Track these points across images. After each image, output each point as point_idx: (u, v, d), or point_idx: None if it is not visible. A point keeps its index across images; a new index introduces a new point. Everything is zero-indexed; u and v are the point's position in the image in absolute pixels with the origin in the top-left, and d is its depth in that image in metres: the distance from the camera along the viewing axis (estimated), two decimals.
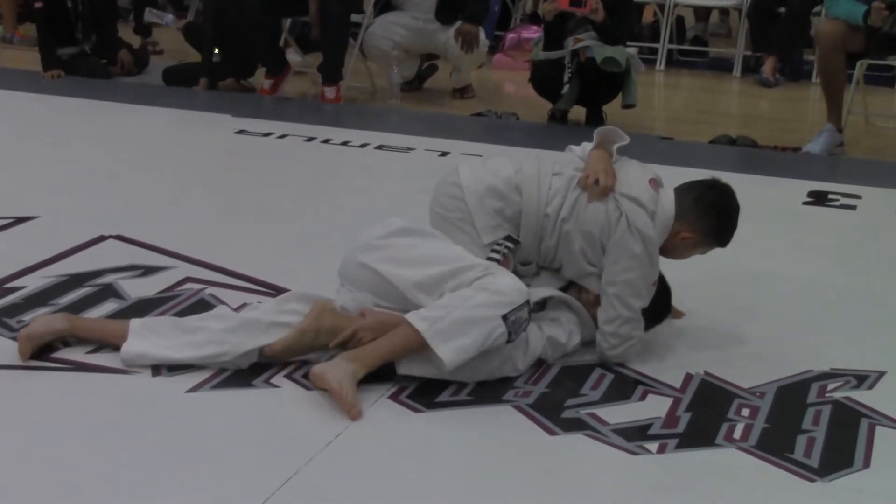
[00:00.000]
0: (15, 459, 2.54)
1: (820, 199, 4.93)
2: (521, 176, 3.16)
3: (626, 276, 3.06)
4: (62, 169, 5.03)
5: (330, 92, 6.79)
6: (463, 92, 7.22)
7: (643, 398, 2.96)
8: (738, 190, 3.23)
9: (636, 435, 2.75)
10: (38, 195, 4.52)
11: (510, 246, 3.12)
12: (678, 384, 3.03)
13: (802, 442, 2.74)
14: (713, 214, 3.15)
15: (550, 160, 3.26)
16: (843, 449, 2.71)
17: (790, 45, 8.05)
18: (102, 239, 4.01)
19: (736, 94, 8.13)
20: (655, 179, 3.17)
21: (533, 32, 7.95)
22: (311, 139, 5.78)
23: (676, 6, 8.51)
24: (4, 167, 5.06)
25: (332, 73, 6.82)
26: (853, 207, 4.83)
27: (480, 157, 4.06)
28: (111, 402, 2.83)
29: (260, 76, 7.04)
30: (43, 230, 4.11)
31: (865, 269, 4.09)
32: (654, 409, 2.89)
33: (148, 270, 3.71)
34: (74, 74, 7.14)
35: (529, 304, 2.91)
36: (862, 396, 2.99)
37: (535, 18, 8.56)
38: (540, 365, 3.08)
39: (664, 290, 3.24)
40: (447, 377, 2.90)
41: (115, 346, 3.02)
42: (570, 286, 3.22)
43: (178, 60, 7.64)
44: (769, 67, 7.93)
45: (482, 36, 7.00)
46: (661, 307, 3.24)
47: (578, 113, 6.34)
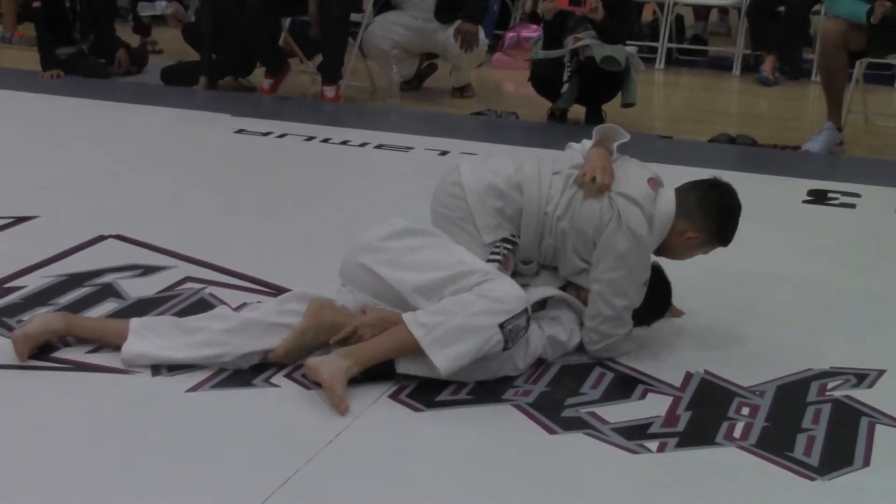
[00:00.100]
0: (15, 459, 2.53)
1: (820, 197, 4.93)
2: (521, 174, 3.15)
3: (609, 275, 3.05)
4: (62, 169, 5.03)
5: (329, 91, 6.79)
6: (462, 91, 7.22)
7: (643, 397, 2.95)
8: (737, 189, 3.22)
9: (636, 434, 2.75)
10: (37, 195, 4.52)
11: (510, 248, 3.12)
12: (678, 383, 3.03)
13: (802, 440, 2.74)
14: (716, 214, 3.14)
15: (551, 159, 3.25)
16: (842, 447, 2.71)
17: (790, 43, 8.05)
18: (102, 238, 4.01)
19: (735, 92, 8.13)
20: (655, 179, 3.15)
21: (532, 31, 7.94)
22: (310, 138, 5.78)
23: (676, 5, 8.50)
24: (4, 167, 5.06)
25: (331, 72, 6.82)
26: (853, 206, 4.83)
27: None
28: (111, 402, 2.82)
29: (259, 75, 7.04)
30: (43, 230, 4.11)
31: (865, 267, 4.08)
32: (654, 407, 2.89)
33: (148, 270, 3.71)
34: (72, 74, 7.15)
35: (528, 311, 2.91)
36: (862, 395, 2.99)
37: (534, 17, 8.54)
38: (540, 364, 3.08)
39: (664, 284, 3.23)
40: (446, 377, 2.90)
41: (115, 345, 3.02)
42: (569, 285, 3.22)
43: (176, 60, 7.63)
44: (769, 66, 7.93)
45: (482, 35, 7.00)
46: (661, 301, 3.23)
47: (578, 112, 6.34)
